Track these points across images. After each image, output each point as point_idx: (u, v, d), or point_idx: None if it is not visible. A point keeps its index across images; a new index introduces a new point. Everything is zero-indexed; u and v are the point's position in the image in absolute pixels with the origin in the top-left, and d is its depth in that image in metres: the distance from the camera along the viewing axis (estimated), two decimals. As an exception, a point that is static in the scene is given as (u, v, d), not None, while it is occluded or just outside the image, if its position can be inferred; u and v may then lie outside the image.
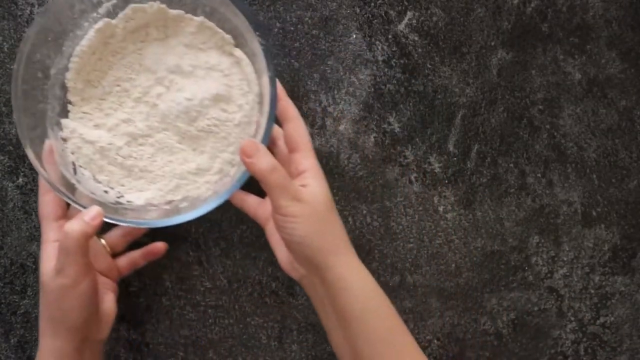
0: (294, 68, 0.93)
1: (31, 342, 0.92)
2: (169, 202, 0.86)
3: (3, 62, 0.89)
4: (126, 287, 0.92)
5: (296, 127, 0.82)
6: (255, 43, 0.80)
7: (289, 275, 0.82)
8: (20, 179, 0.92)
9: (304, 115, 0.92)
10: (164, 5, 0.85)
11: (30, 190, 0.92)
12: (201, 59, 0.86)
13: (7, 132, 0.91)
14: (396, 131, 0.92)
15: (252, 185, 0.84)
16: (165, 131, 0.86)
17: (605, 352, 0.95)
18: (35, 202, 0.87)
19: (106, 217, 0.77)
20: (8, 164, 0.92)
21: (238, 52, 0.86)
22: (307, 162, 0.81)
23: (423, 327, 0.94)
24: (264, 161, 0.75)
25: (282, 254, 0.83)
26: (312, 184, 0.79)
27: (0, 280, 0.92)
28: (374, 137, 0.92)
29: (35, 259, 0.91)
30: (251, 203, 0.88)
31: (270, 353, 0.93)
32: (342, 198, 0.93)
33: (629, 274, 0.95)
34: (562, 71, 0.94)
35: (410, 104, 0.92)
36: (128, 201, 0.85)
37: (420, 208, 0.94)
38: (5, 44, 0.91)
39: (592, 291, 0.95)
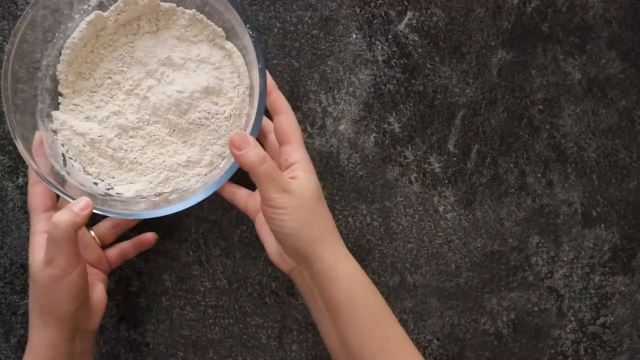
0: (294, 68, 0.81)
1: (31, 342, 0.81)
2: (159, 194, 0.77)
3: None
4: (126, 287, 0.81)
5: (286, 119, 0.73)
6: (246, 36, 0.72)
7: (279, 268, 0.73)
8: (20, 179, 0.81)
9: (304, 115, 0.81)
10: None
11: (30, 190, 0.81)
12: (192, 52, 0.78)
13: (7, 132, 0.80)
14: (396, 131, 0.81)
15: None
16: (156, 124, 0.77)
17: (605, 352, 0.83)
18: (36, 201, 0.79)
19: (95, 208, 0.69)
20: (8, 164, 0.81)
21: (229, 45, 0.78)
22: (296, 154, 0.72)
23: (423, 327, 0.83)
24: (253, 153, 0.66)
25: (271, 246, 0.73)
26: (302, 175, 0.70)
27: (0, 280, 0.81)
28: (374, 137, 0.81)
29: (36, 259, 0.80)
30: (241, 196, 0.77)
31: (270, 353, 0.82)
32: (342, 198, 0.82)
33: (629, 274, 0.83)
34: (562, 71, 0.82)
35: (410, 103, 0.81)
36: (118, 193, 0.76)
37: (420, 208, 0.82)
38: (5, 43, 0.80)
39: (592, 291, 0.83)
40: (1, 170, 0.80)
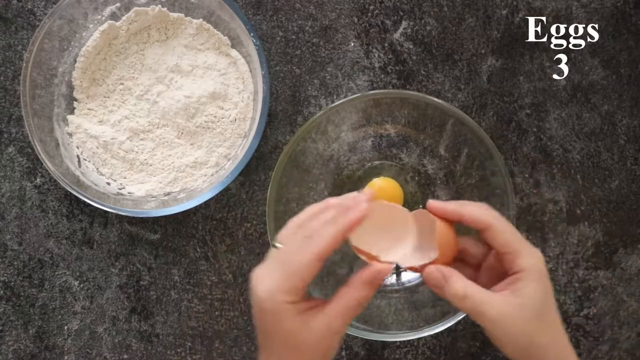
0: (296, 74, 0.81)
1: (48, 332, 0.80)
2: (168, 194, 0.78)
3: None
4: (137, 281, 0.81)
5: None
6: (250, 44, 0.74)
7: None
8: (38, 179, 0.81)
9: (305, 119, 0.81)
10: (165, 9, 0.78)
11: (47, 190, 0.81)
12: (199, 59, 0.79)
13: (25, 135, 0.80)
14: (392, 136, 0.81)
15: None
16: (165, 127, 0.78)
17: (589, 342, 0.82)
18: (52, 200, 0.80)
19: (108, 207, 0.72)
20: (27, 165, 0.81)
21: (234, 53, 0.78)
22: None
23: (417, 316, 0.79)
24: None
25: None
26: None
27: (19, 274, 0.80)
28: (372, 141, 0.81)
29: (52, 255, 0.80)
30: None
31: (273, 343, 0.76)
32: (341, 197, 0.77)
33: (610, 269, 0.82)
34: (548, 77, 0.82)
35: (405, 111, 0.79)
36: (129, 192, 0.77)
37: (415, 207, 0.80)
38: (24, 51, 0.80)
39: (576, 285, 0.82)
40: (20, 171, 0.80)
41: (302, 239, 0.56)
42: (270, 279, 0.56)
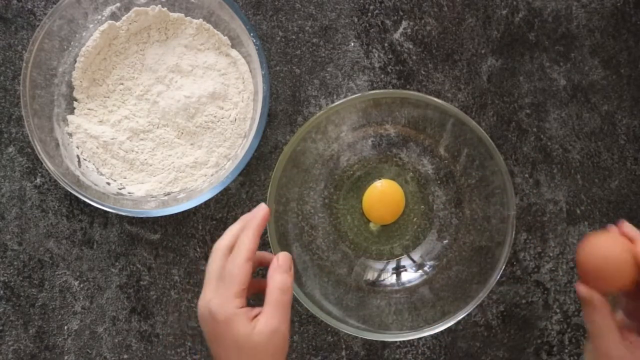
0: (296, 74, 0.81)
1: (48, 332, 0.80)
2: (168, 194, 0.77)
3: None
4: (137, 281, 0.80)
5: None
6: (250, 44, 0.74)
7: None
8: (38, 179, 0.80)
9: (305, 119, 0.81)
10: (165, 9, 0.78)
11: (47, 190, 0.80)
12: (200, 59, 0.79)
13: (25, 135, 0.80)
14: (392, 136, 0.81)
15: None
16: (165, 127, 0.78)
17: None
18: (52, 200, 0.80)
19: (108, 207, 0.72)
20: (27, 165, 0.81)
21: (234, 53, 0.78)
22: None
23: (417, 316, 0.80)
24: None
25: None
26: None
27: (19, 274, 0.80)
28: (372, 141, 0.81)
29: (52, 255, 0.80)
30: None
31: (273, 343, 0.78)
32: (341, 197, 0.81)
33: None
34: (548, 77, 0.82)
35: (405, 111, 0.79)
36: (129, 192, 0.77)
37: (415, 206, 0.81)
38: (24, 51, 0.80)
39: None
40: (20, 171, 0.80)
41: (226, 254, 0.62)
42: (217, 295, 0.61)
